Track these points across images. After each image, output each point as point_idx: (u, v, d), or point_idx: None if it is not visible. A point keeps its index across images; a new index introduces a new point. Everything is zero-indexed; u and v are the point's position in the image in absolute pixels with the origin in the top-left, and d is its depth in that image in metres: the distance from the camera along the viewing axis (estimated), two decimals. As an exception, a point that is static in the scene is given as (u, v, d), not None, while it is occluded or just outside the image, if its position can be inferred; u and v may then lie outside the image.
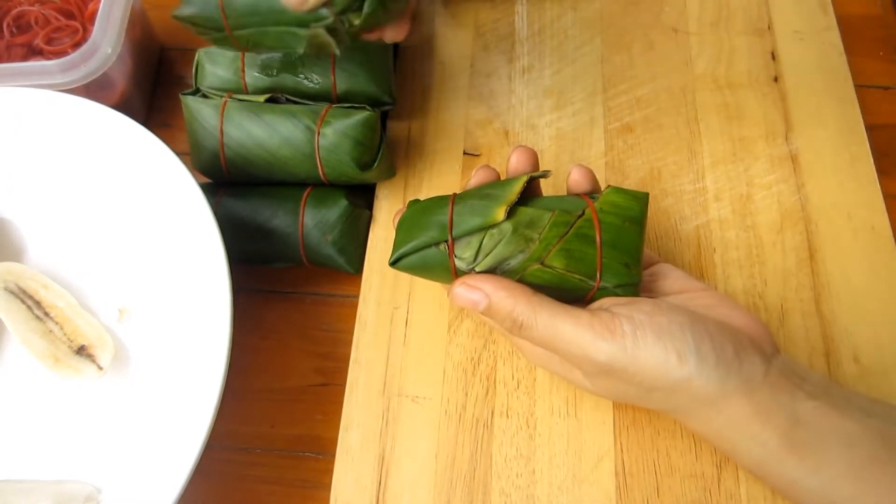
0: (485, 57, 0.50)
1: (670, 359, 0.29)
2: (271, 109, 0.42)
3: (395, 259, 0.34)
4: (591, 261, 0.32)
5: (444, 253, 0.33)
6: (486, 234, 0.32)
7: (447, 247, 0.33)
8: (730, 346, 0.30)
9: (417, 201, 0.36)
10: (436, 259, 0.33)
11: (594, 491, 0.36)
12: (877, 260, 0.41)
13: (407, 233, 0.34)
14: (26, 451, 0.37)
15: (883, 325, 0.39)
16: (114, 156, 0.41)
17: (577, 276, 0.32)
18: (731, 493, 0.35)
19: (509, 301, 0.31)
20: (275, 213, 0.42)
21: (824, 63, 0.48)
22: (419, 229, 0.33)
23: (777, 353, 0.31)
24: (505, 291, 0.31)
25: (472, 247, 0.32)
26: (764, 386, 0.29)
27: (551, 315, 0.31)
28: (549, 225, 0.32)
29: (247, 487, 0.39)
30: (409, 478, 0.37)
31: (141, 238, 0.41)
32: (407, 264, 0.34)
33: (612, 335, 0.29)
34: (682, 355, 0.29)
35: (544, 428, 0.37)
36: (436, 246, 0.33)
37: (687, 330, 0.29)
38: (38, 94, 0.42)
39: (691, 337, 0.29)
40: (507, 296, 0.31)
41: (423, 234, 0.33)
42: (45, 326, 0.38)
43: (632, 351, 0.29)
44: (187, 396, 0.35)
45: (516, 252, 0.32)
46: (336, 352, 0.42)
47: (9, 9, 0.49)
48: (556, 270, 0.32)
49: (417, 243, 0.33)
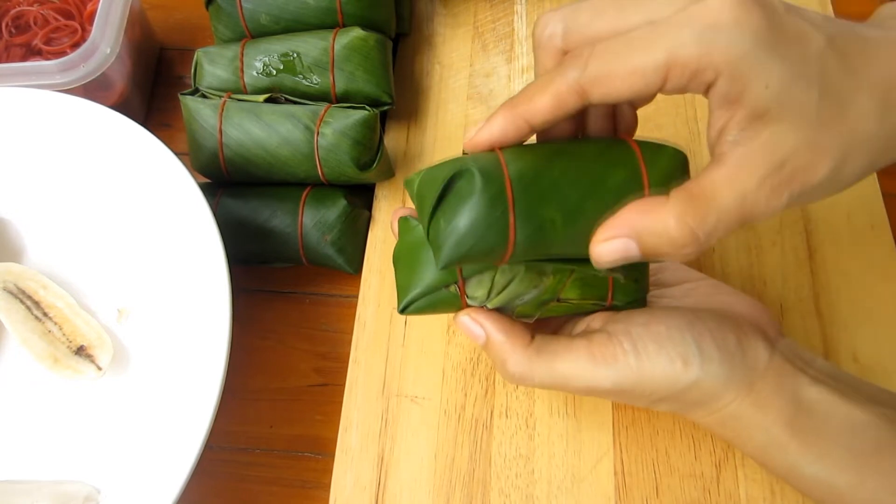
0: (484, 57, 0.50)
1: (675, 366, 0.28)
2: (270, 109, 0.42)
3: (403, 307, 0.31)
4: (603, 283, 0.31)
5: (455, 294, 0.30)
6: (497, 271, 0.30)
7: (458, 288, 0.30)
8: (731, 337, 0.29)
9: (407, 220, 0.31)
10: (446, 301, 0.31)
11: (593, 491, 0.36)
12: (877, 260, 0.41)
13: (409, 273, 0.31)
14: (26, 451, 0.37)
15: (883, 325, 0.39)
16: (113, 156, 0.41)
17: (590, 301, 0.31)
18: (731, 492, 0.35)
19: (505, 348, 0.30)
20: (274, 213, 0.42)
21: (824, 63, 0.48)
22: (421, 267, 0.30)
23: (781, 337, 0.31)
24: (503, 336, 0.30)
25: (484, 285, 0.30)
26: (767, 373, 0.29)
27: (548, 360, 0.30)
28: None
29: (246, 487, 0.39)
30: (408, 478, 0.37)
31: (140, 238, 0.41)
32: (416, 308, 0.31)
33: (613, 359, 0.29)
34: (686, 359, 0.28)
35: (543, 428, 0.37)
36: (445, 287, 0.30)
37: (686, 332, 0.29)
38: (37, 94, 0.42)
39: (692, 338, 0.29)
40: (503, 341, 0.30)
41: (426, 274, 0.30)
42: (45, 327, 0.38)
43: (636, 369, 0.28)
44: (187, 396, 0.35)
45: (530, 288, 0.30)
46: (335, 352, 0.42)
47: (8, 9, 0.49)
48: (571, 302, 0.31)
49: (424, 288, 0.30)
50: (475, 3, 0.52)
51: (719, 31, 0.23)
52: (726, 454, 0.36)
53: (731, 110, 0.24)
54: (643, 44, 0.24)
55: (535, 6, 0.51)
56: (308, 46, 0.44)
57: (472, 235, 0.26)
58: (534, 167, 0.27)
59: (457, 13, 0.52)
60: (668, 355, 0.28)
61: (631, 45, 0.24)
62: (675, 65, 0.23)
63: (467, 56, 0.50)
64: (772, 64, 0.23)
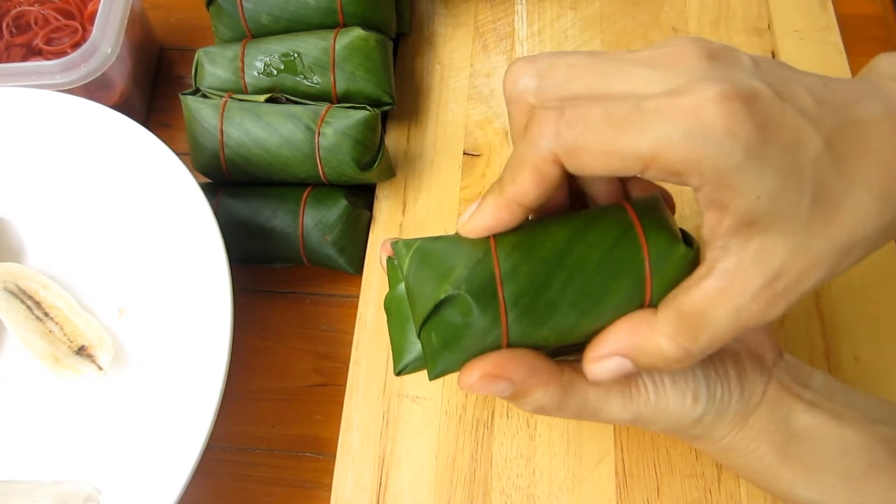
0: (484, 57, 0.50)
1: (686, 402, 0.28)
2: (271, 109, 0.42)
3: (399, 371, 0.29)
4: None
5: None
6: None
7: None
8: (732, 373, 0.29)
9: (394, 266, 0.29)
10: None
11: (594, 491, 0.36)
12: (877, 260, 0.41)
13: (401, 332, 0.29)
14: (26, 451, 0.37)
15: (883, 325, 0.39)
16: (114, 156, 0.41)
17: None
18: (731, 492, 0.35)
19: (539, 389, 0.27)
20: (275, 213, 0.42)
21: (824, 62, 0.48)
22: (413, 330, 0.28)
23: (779, 360, 0.31)
24: (535, 379, 0.27)
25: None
26: (762, 405, 0.29)
27: (582, 392, 0.28)
28: None
29: (247, 488, 0.39)
30: (409, 478, 0.37)
31: (141, 238, 0.41)
32: (412, 370, 0.29)
33: (637, 394, 0.28)
34: (696, 396, 0.28)
35: (544, 428, 0.37)
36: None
37: (697, 367, 0.29)
38: (37, 94, 0.42)
39: (701, 374, 0.28)
40: (537, 384, 0.27)
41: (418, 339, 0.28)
42: (45, 327, 0.38)
43: (654, 403, 0.28)
44: (188, 397, 0.35)
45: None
46: (336, 352, 0.42)
47: (8, 9, 0.49)
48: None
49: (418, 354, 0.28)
50: (476, 3, 0.52)
51: (710, 138, 0.21)
52: (727, 454, 0.36)
53: (720, 215, 0.23)
54: (627, 127, 0.22)
55: (536, 6, 0.51)
56: (309, 46, 0.44)
57: (464, 359, 0.26)
58: (531, 284, 0.25)
59: (457, 13, 0.52)
60: (681, 391, 0.28)
61: (613, 123, 0.22)
62: (659, 160, 0.22)
63: (468, 56, 0.50)
64: (763, 175, 0.22)
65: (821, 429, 0.28)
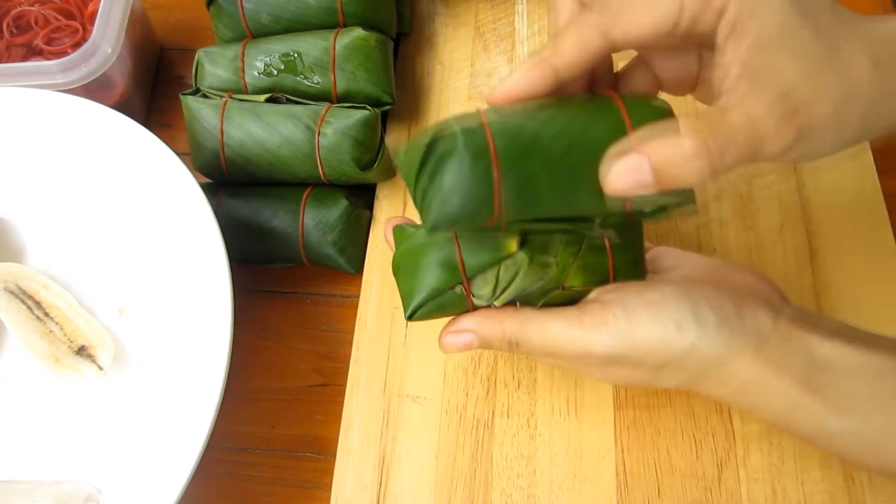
0: (485, 57, 0.50)
1: (669, 331, 0.28)
2: (271, 109, 0.42)
3: (410, 313, 0.31)
4: (604, 268, 0.31)
5: (461, 295, 0.30)
6: (500, 266, 0.30)
7: (463, 289, 0.30)
8: (729, 304, 0.29)
9: (402, 228, 0.31)
10: (453, 302, 0.31)
11: (595, 491, 0.36)
12: (877, 260, 0.41)
13: (411, 279, 0.31)
14: (26, 451, 0.37)
15: (883, 325, 0.39)
16: (114, 156, 0.41)
17: (593, 287, 0.31)
18: (732, 492, 0.35)
19: (497, 327, 0.30)
20: (275, 213, 0.42)
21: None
22: (423, 272, 0.30)
23: (786, 304, 0.30)
24: (490, 321, 0.30)
25: (489, 283, 0.30)
26: (774, 336, 0.28)
27: (540, 323, 0.30)
28: (563, 245, 0.30)
29: (247, 487, 0.39)
30: (409, 478, 0.37)
31: (141, 238, 0.41)
32: (423, 314, 0.31)
33: (605, 325, 0.29)
34: (680, 324, 0.28)
35: (545, 428, 0.37)
36: (450, 289, 0.30)
37: (681, 300, 0.29)
38: (37, 94, 0.42)
39: (686, 304, 0.29)
40: (493, 324, 0.30)
41: (429, 278, 0.30)
42: (46, 327, 0.38)
43: (628, 335, 0.28)
44: (188, 397, 0.35)
45: (535, 280, 0.30)
46: (336, 352, 0.42)
47: (8, 9, 0.49)
48: (575, 289, 0.31)
49: (429, 292, 0.30)
50: (476, 3, 0.52)
51: None
52: (728, 454, 0.36)
53: (738, 41, 0.25)
54: None
55: (536, 6, 0.51)
56: (309, 46, 0.44)
57: (458, 192, 0.26)
58: (515, 121, 0.27)
59: (458, 13, 0.52)
60: (660, 321, 0.28)
61: None
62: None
63: (468, 56, 0.50)
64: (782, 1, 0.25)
65: (844, 357, 0.28)
